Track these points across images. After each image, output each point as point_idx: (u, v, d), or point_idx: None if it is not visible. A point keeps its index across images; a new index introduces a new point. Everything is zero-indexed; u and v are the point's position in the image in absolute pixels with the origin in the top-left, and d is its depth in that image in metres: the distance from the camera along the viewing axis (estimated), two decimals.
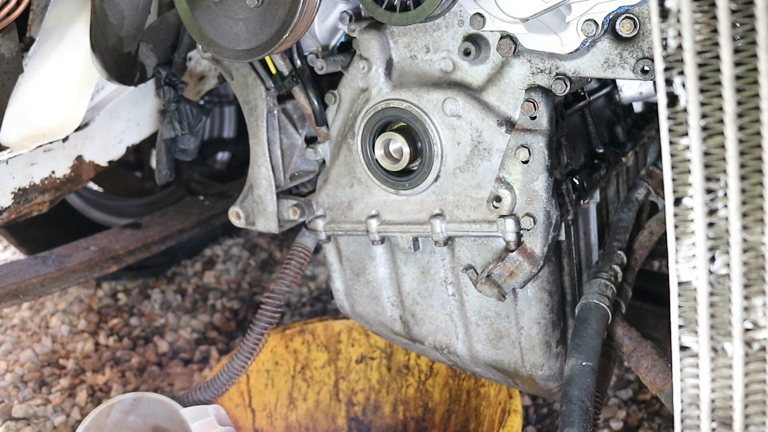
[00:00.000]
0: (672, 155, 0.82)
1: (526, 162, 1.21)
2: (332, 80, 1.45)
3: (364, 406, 1.89)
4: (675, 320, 0.87)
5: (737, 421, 0.87)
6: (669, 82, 0.80)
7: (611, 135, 1.53)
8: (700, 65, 0.78)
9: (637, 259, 1.42)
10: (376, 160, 1.36)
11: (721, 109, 0.78)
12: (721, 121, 0.79)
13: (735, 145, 0.78)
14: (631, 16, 1.11)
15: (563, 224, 1.29)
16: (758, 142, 0.78)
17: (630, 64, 1.14)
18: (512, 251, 1.24)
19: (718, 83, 0.78)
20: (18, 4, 1.38)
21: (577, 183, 1.33)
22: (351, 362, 1.87)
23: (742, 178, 0.79)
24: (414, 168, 1.33)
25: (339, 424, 1.89)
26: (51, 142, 1.58)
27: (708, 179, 0.81)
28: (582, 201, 1.35)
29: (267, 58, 1.41)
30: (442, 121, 1.29)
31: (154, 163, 1.84)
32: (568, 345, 1.36)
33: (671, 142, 0.81)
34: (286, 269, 1.55)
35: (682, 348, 0.87)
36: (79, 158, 1.77)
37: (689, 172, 0.81)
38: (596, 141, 1.44)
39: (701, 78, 0.78)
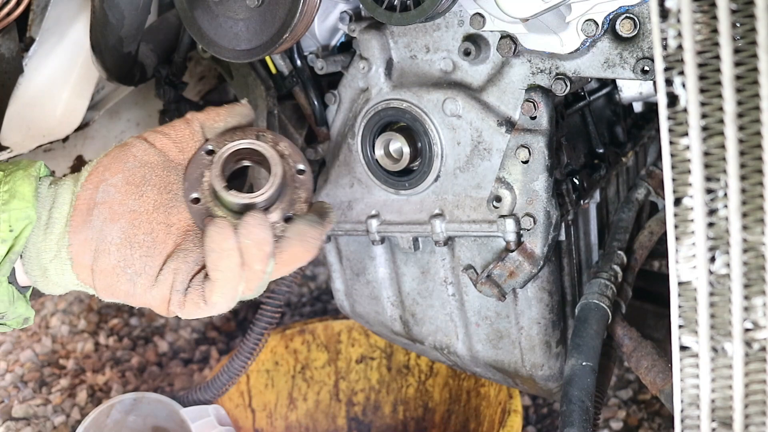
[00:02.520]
0: (672, 155, 0.82)
1: (526, 162, 1.21)
2: (332, 80, 1.45)
3: (364, 406, 1.89)
4: (675, 320, 0.87)
5: (737, 421, 0.87)
6: (669, 82, 0.80)
7: (611, 135, 1.53)
8: (700, 65, 0.78)
9: (637, 259, 1.42)
10: (376, 160, 1.35)
11: (721, 109, 0.78)
12: (721, 121, 0.79)
13: (735, 145, 0.78)
14: (631, 16, 1.11)
15: (563, 224, 1.29)
16: (758, 142, 0.78)
17: (630, 64, 1.14)
18: (512, 251, 1.24)
19: (718, 83, 0.78)
20: (18, 4, 1.38)
21: (577, 183, 1.33)
22: (351, 362, 1.87)
23: (742, 178, 0.79)
24: (414, 168, 1.33)
25: (339, 424, 1.89)
26: (51, 142, 1.57)
27: (708, 179, 0.81)
28: (582, 201, 1.35)
29: (267, 58, 1.41)
30: (442, 121, 1.28)
31: None
32: (568, 345, 1.36)
33: (671, 142, 0.81)
34: None
35: (682, 348, 0.87)
36: (79, 158, 1.76)
37: (689, 172, 0.81)
38: (596, 141, 1.44)
39: (701, 78, 0.78)
